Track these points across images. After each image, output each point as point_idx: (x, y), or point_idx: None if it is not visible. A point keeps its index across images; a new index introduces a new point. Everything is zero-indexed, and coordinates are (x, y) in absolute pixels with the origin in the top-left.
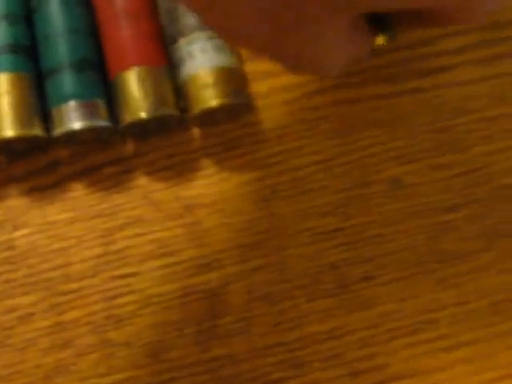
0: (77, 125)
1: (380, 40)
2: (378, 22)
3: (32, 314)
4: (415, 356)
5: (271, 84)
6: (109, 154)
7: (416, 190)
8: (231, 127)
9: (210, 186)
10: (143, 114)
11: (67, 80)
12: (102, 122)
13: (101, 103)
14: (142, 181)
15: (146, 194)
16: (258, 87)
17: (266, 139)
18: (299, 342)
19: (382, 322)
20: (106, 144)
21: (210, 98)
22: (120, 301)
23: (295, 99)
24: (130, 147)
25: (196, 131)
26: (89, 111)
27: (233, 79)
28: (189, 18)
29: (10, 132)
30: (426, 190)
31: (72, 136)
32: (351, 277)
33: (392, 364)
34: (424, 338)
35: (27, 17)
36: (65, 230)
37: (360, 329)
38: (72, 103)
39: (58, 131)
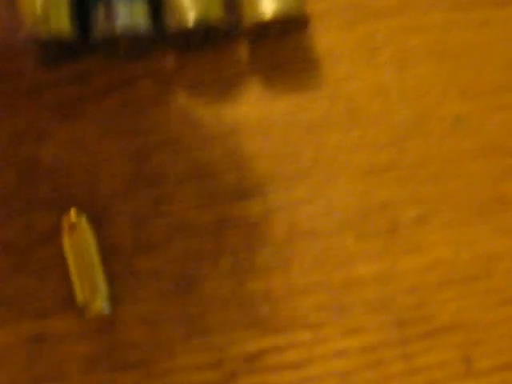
0: (118, 23)
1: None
2: None
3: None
4: (466, 308)
5: (328, 4)
6: (147, 66)
7: (479, 129)
8: (282, 46)
9: (254, 107)
10: (189, 23)
11: None
12: (143, 25)
13: (143, 8)
14: (181, 97)
15: (184, 111)
16: (314, 7)
17: (318, 64)
18: (343, 284)
19: (433, 269)
20: (145, 55)
21: (265, 11)
22: (152, 223)
23: (352, 22)
24: (170, 60)
25: (244, 47)
26: (130, 11)
27: None
28: None
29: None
30: (490, 130)
31: (111, 42)
32: (403, 217)
33: (440, 315)
34: (476, 290)
35: None
36: (94, 145)
37: (409, 275)
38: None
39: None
